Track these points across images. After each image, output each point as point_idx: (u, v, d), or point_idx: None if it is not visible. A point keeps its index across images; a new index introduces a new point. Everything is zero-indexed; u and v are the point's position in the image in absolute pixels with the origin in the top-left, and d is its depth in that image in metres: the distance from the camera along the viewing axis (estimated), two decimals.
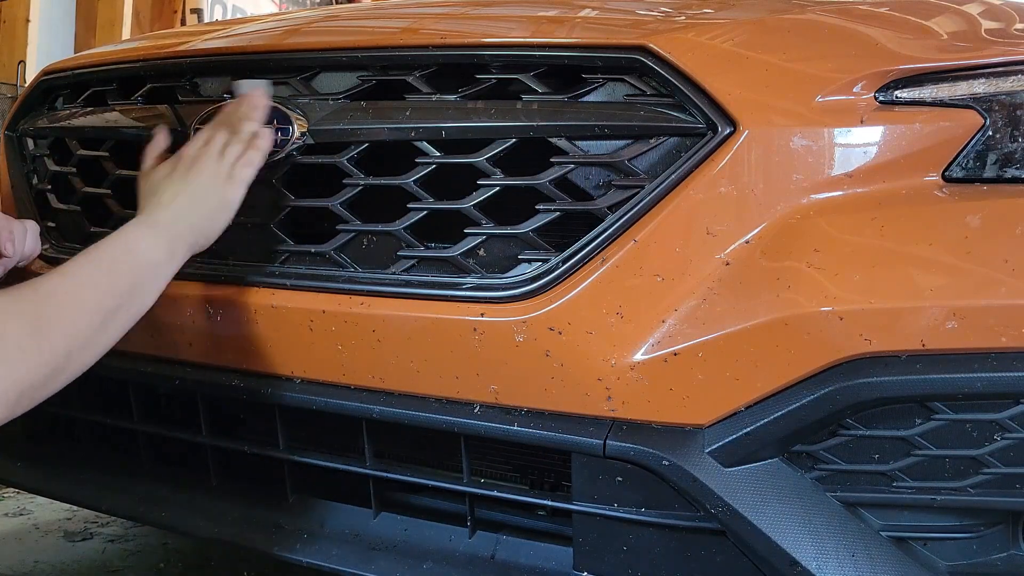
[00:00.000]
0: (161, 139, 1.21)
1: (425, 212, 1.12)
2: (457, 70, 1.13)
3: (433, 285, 1.09)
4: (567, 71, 1.09)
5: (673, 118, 1.02)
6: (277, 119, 1.18)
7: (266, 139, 1.15)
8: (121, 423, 1.36)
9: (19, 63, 4.26)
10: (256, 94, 1.18)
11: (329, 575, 1.18)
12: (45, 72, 1.51)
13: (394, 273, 1.12)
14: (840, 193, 0.99)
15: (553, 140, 1.06)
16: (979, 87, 1.00)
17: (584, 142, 1.06)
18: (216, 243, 1.22)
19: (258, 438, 1.26)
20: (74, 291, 0.96)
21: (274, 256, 1.20)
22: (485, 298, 1.06)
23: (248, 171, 1.13)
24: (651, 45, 1.03)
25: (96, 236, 1.34)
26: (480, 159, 1.08)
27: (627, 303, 1.00)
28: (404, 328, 1.08)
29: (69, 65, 1.48)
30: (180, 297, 1.22)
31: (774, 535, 0.95)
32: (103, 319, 0.98)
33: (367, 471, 1.18)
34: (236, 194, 1.13)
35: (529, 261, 1.07)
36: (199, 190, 1.11)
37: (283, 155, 1.17)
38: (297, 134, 1.17)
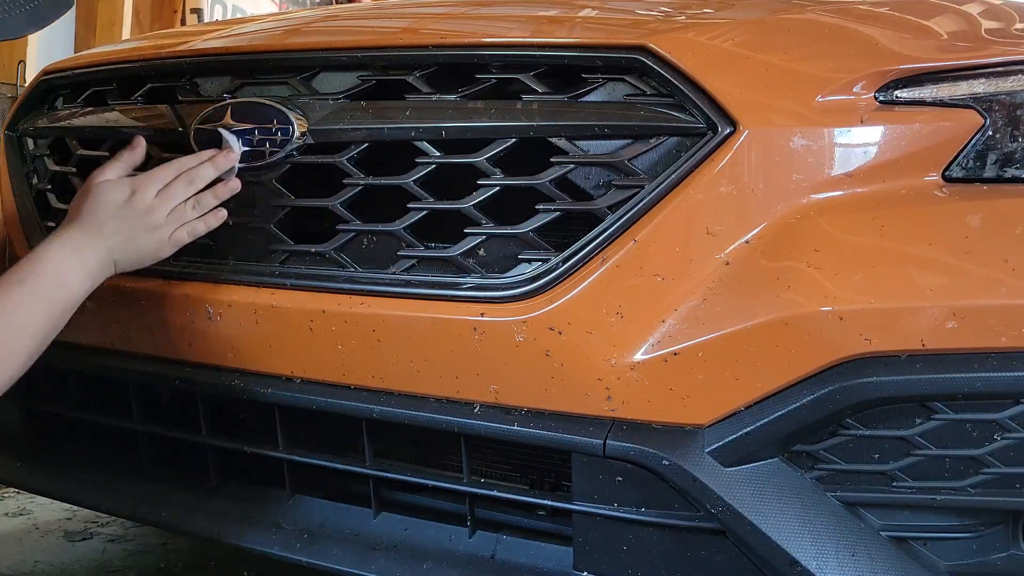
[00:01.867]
0: (138, 152, 1.22)
1: (425, 212, 1.12)
2: (457, 70, 1.13)
3: (433, 285, 1.09)
4: (567, 71, 1.09)
5: (673, 118, 1.02)
6: (277, 119, 1.18)
7: (219, 218, 1.19)
8: (121, 423, 1.36)
9: (19, 63, 4.25)
10: (231, 160, 1.19)
11: (329, 575, 1.18)
12: (45, 72, 1.51)
13: (394, 273, 1.12)
14: (840, 193, 0.99)
15: (553, 140, 1.06)
16: (979, 87, 1.00)
17: (584, 142, 1.06)
18: (216, 243, 1.22)
19: (258, 438, 1.26)
20: (11, 340, 1.04)
21: (274, 256, 1.20)
22: (485, 298, 1.06)
23: (187, 239, 1.17)
24: (651, 45, 1.03)
25: None
26: (480, 159, 1.08)
27: (627, 303, 1.00)
28: (404, 328, 1.08)
29: (69, 65, 1.48)
30: (180, 297, 1.22)
31: (774, 535, 0.95)
32: (28, 360, 1.06)
33: (367, 471, 1.18)
34: (167, 253, 1.17)
35: (529, 261, 1.07)
36: (140, 239, 1.15)
37: (283, 155, 1.17)
38: (297, 134, 1.17)
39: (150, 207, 1.15)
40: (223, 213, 1.19)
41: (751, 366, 0.96)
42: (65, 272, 1.10)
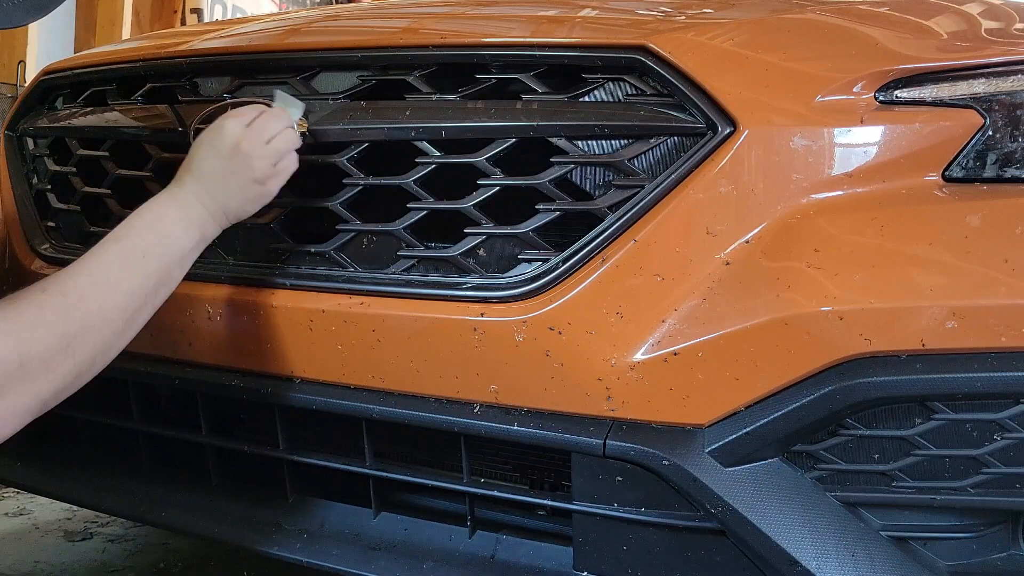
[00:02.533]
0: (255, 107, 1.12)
1: (425, 212, 1.12)
2: (457, 70, 1.13)
3: (433, 285, 1.09)
4: (567, 71, 1.09)
5: (673, 118, 1.02)
6: None
7: (294, 159, 1.12)
8: (121, 423, 1.36)
9: (19, 63, 4.25)
10: (295, 111, 1.14)
11: (329, 575, 1.18)
12: (45, 72, 1.51)
13: (394, 273, 1.12)
14: (840, 193, 0.99)
15: (553, 140, 1.06)
16: (979, 87, 1.00)
17: (584, 142, 1.06)
18: (216, 242, 1.22)
19: (258, 438, 1.26)
20: (104, 297, 0.95)
21: (274, 256, 1.20)
22: (485, 298, 1.06)
23: (292, 167, 1.10)
24: (651, 45, 1.03)
25: (96, 236, 1.35)
26: (480, 159, 1.08)
27: (627, 303, 1.00)
28: (404, 328, 1.08)
29: (69, 65, 1.48)
30: (180, 297, 1.22)
31: (774, 535, 0.95)
32: (127, 322, 0.97)
33: (367, 471, 1.18)
34: (276, 187, 1.09)
35: (529, 261, 1.07)
36: (243, 174, 1.06)
37: None
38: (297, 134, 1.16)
39: (241, 140, 1.06)
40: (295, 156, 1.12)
41: (751, 366, 0.96)
42: (166, 224, 1.01)
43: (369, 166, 1.16)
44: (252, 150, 1.06)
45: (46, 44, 4.33)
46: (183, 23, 4.99)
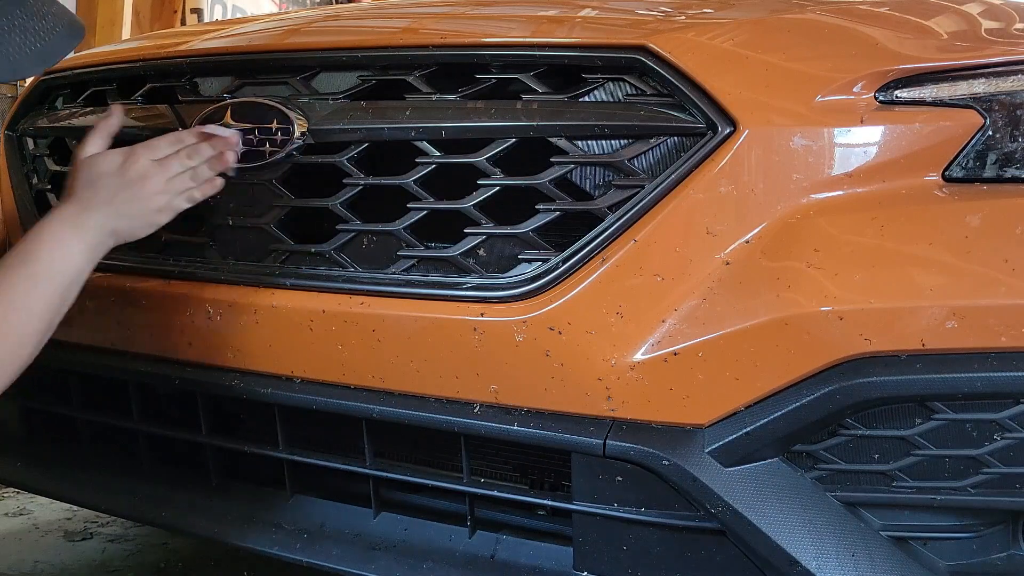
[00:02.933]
0: (114, 121, 1.19)
1: (425, 212, 1.12)
2: (457, 70, 1.13)
3: (433, 285, 1.09)
4: (567, 71, 1.09)
5: (673, 118, 1.02)
6: (277, 119, 1.18)
7: (217, 185, 1.17)
8: (121, 423, 1.36)
9: None
10: (232, 142, 1.17)
11: (329, 575, 1.18)
12: (45, 72, 1.51)
13: (394, 273, 1.12)
14: (840, 193, 0.99)
15: (553, 140, 1.06)
16: (979, 87, 1.00)
17: (584, 142, 1.06)
18: (216, 243, 1.22)
19: (258, 438, 1.26)
20: (16, 322, 1.02)
21: (274, 256, 1.20)
22: (485, 298, 1.06)
23: (184, 206, 1.15)
24: (651, 45, 1.03)
25: None
26: (480, 159, 1.08)
27: (627, 303, 1.00)
28: (404, 328, 1.08)
29: (69, 65, 1.48)
30: (180, 297, 1.22)
31: (774, 535, 0.95)
32: (39, 340, 1.04)
33: (367, 471, 1.18)
34: (163, 220, 1.15)
35: (529, 261, 1.07)
36: (138, 206, 1.12)
37: (283, 155, 1.17)
38: (297, 134, 1.17)
39: (144, 174, 1.12)
40: (220, 182, 1.17)
41: (751, 366, 0.96)
42: (65, 247, 1.07)
43: (369, 166, 1.16)
44: (152, 186, 1.12)
45: None
46: (183, 23, 4.99)
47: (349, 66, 1.19)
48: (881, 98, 1.01)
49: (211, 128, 1.18)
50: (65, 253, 1.08)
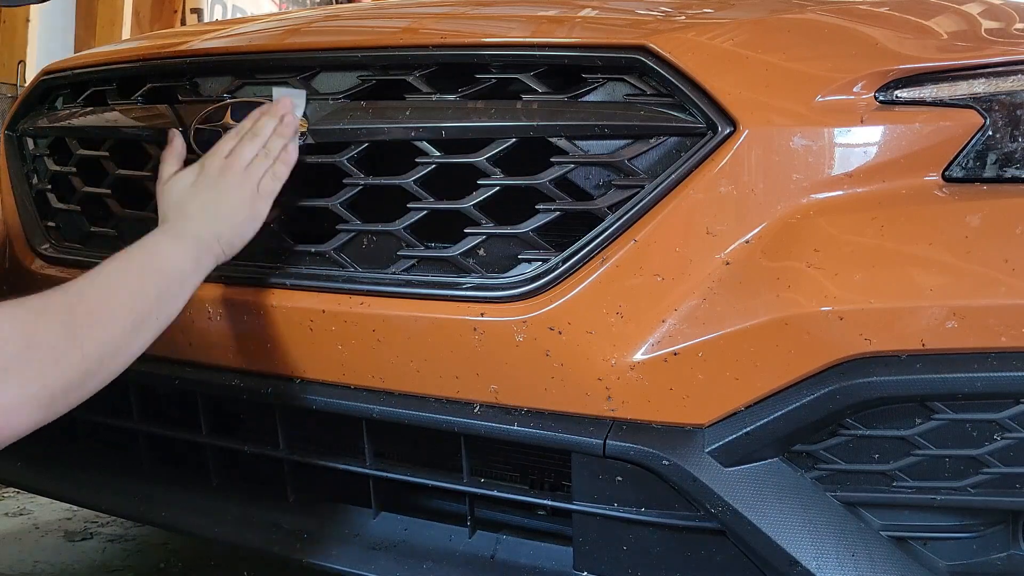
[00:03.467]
0: (178, 144, 1.19)
1: (425, 212, 1.12)
2: (457, 70, 1.13)
3: (433, 285, 1.09)
4: (567, 71, 1.09)
5: (673, 118, 1.02)
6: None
7: (293, 153, 1.15)
8: (121, 423, 1.36)
9: (19, 63, 4.25)
10: (287, 104, 1.16)
11: (329, 575, 1.18)
12: (45, 72, 1.51)
13: (394, 273, 1.12)
14: (840, 193, 0.99)
15: (553, 140, 1.06)
16: (979, 87, 1.00)
17: (584, 142, 1.06)
18: None
19: (258, 438, 1.26)
20: (106, 296, 0.96)
21: (274, 256, 1.20)
22: (485, 298, 1.06)
23: (276, 185, 1.13)
24: (651, 45, 1.03)
25: (96, 236, 1.35)
26: (480, 159, 1.08)
27: (627, 303, 1.00)
28: (404, 328, 1.08)
29: (69, 65, 1.48)
30: None
31: (774, 535, 0.95)
32: (134, 325, 0.97)
33: (367, 471, 1.18)
34: (264, 208, 1.12)
35: (529, 261, 1.07)
36: (227, 203, 1.10)
37: None
38: (297, 134, 1.16)
39: (220, 171, 1.11)
40: (294, 147, 1.15)
41: (751, 366, 0.96)
42: (162, 247, 1.04)
43: (369, 166, 1.16)
44: (232, 179, 1.11)
45: (46, 44, 4.33)
46: (183, 23, 4.99)
47: (349, 66, 1.20)
48: (881, 98, 1.01)
49: (264, 105, 1.16)
50: (163, 251, 1.04)
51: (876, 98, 1.01)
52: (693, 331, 0.97)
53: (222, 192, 1.10)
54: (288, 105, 1.16)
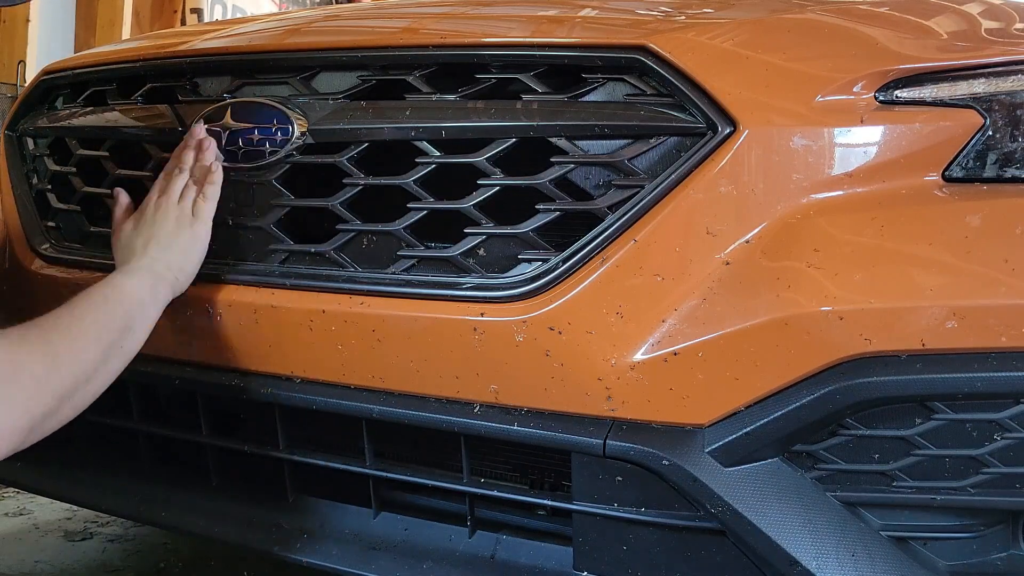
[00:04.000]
0: (123, 200, 1.26)
1: (425, 212, 1.12)
2: (457, 70, 1.13)
3: (433, 285, 1.09)
4: (567, 71, 1.09)
5: (673, 118, 1.02)
6: (277, 119, 1.18)
7: (218, 173, 1.21)
8: (121, 423, 1.36)
9: (19, 63, 4.26)
10: (201, 131, 1.22)
11: (329, 575, 1.18)
12: (45, 72, 1.51)
13: (394, 273, 1.12)
14: (840, 193, 0.99)
15: (553, 140, 1.06)
16: (979, 87, 1.00)
17: (584, 142, 1.06)
18: (216, 243, 1.22)
19: (258, 438, 1.26)
20: (78, 327, 1.03)
21: (274, 256, 1.20)
22: (485, 298, 1.06)
23: (210, 205, 1.20)
24: (651, 45, 1.03)
25: (96, 236, 1.35)
26: (480, 159, 1.08)
27: (627, 303, 1.00)
28: (404, 328, 1.08)
29: (69, 65, 1.48)
30: (180, 297, 1.22)
31: (774, 535, 0.95)
32: (103, 354, 1.04)
33: (367, 471, 1.18)
34: (203, 229, 1.19)
35: (529, 261, 1.07)
36: (166, 233, 1.18)
37: (283, 155, 1.17)
38: (297, 134, 1.17)
39: (157, 207, 1.20)
40: (218, 167, 1.21)
41: (751, 366, 0.96)
42: (117, 280, 1.12)
43: (369, 166, 1.16)
44: (168, 212, 1.19)
45: (46, 44, 4.34)
46: (183, 23, 4.99)
47: (349, 66, 1.20)
48: (881, 98, 1.01)
49: (181, 142, 1.24)
50: (120, 284, 1.12)
51: (876, 98, 1.01)
52: (693, 331, 0.97)
53: (160, 225, 1.19)
54: (202, 132, 1.23)
